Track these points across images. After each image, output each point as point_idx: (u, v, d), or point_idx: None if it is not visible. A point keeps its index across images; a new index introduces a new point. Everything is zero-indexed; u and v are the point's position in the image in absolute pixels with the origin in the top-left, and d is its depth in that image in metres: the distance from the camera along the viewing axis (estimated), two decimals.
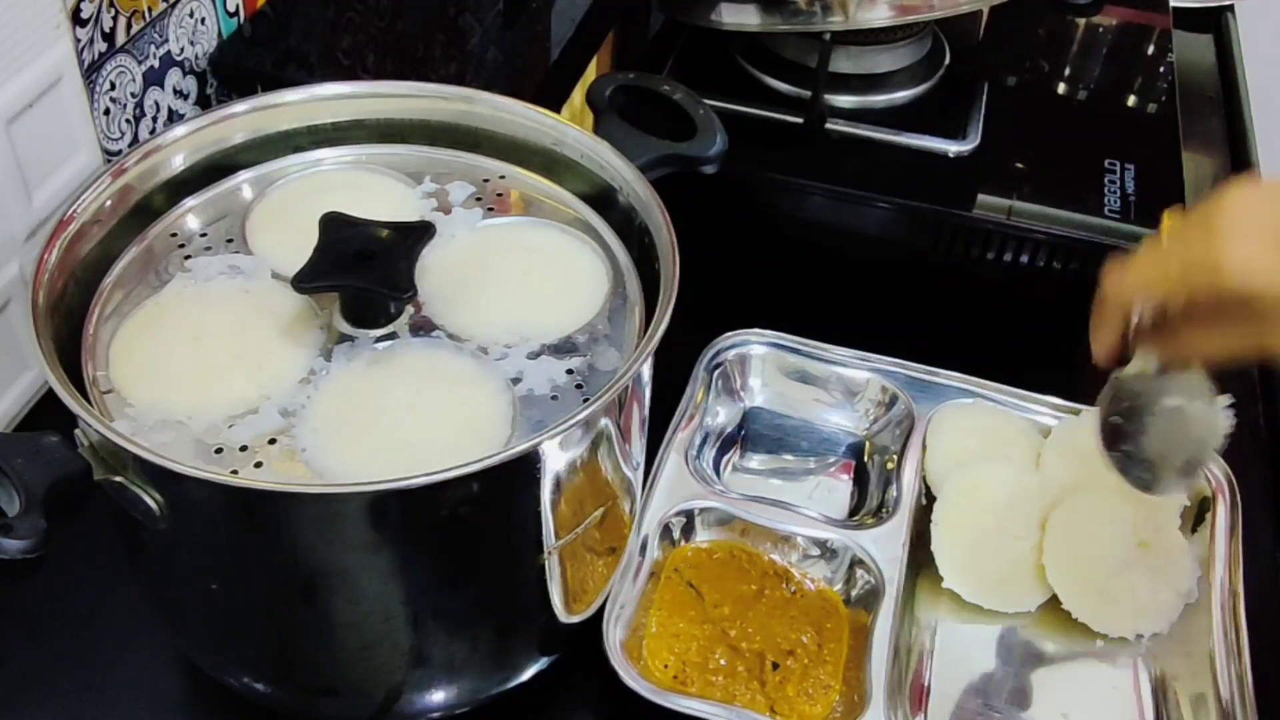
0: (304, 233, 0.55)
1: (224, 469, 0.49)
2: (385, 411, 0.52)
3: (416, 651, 0.55)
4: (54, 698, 0.62)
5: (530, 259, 0.60)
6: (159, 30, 0.78)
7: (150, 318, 0.56)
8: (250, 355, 0.54)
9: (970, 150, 0.89)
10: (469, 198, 0.63)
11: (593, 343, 0.57)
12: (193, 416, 0.51)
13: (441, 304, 0.57)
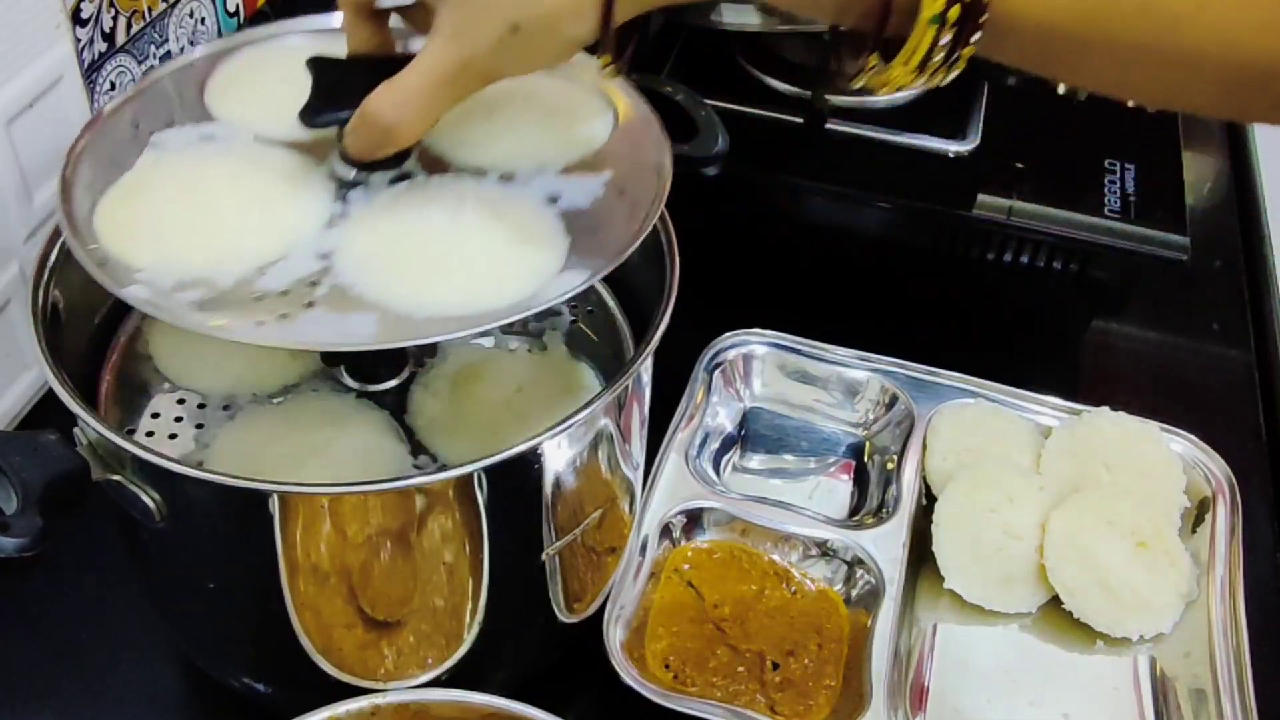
0: (274, 98, 0.53)
1: (271, 314, 0.46)
2: (429, 236, 0.50)
3: (416, 651, 0.55)
4: (54, 698, 0.62)
5: (528, 93, 0.57)
6: (159, 30, 0.78)
7: (132, 188, 0.52)
8: (260, 206, 0.51)
9: (970, 150, 0.89)
10: None
11: (618, 158, 0.55)
12: (215, 271, 0.48)
13: (449, 143, 0.54)
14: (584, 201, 0.52)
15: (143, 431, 0.56)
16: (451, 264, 0.49)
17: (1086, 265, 0.83)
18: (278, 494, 0.47)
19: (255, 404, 0.57)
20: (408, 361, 0.58)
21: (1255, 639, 0.65)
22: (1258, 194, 1.03)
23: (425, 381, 0.58)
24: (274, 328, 0.45)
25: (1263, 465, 0.80)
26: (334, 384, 0.57)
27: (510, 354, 0.60)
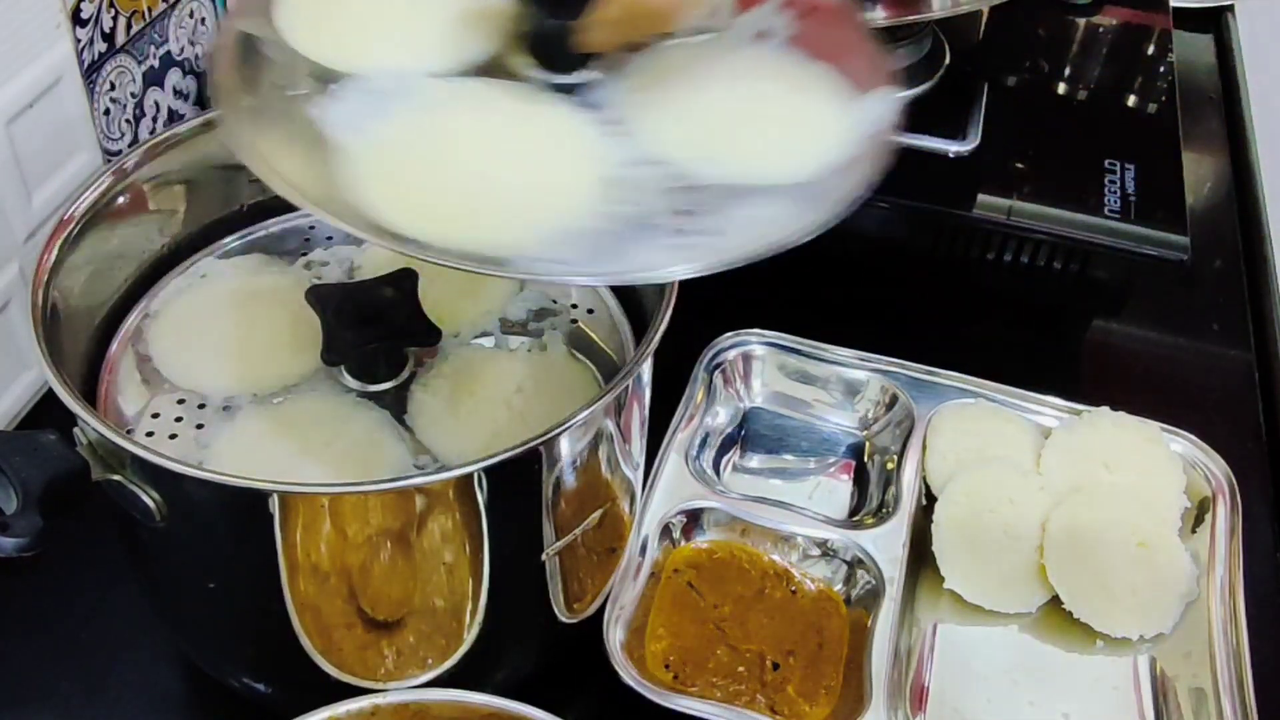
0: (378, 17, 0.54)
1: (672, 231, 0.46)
2: (726, 101, 0.52)
3: (416, 651, 0.55)
4: (54, 698, 0.62)
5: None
6: (159, 30, 0.78)
7: (399, 159, 0.49)
8: (535, 150, 0.50)
9: (970, 150, 0.89)
10: None
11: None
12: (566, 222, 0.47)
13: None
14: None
15: (143, 431, 0.56)
16: (775, 115, 0.50)
17: (1086, 265, 0.83)
18: (278, 494, 0.47)
19: (255, 404, 0.57)
20: (408, 361, 0.58)
21: (1255, 639, 0.65)
22: (1258, 194, 1.03)
23: (425, 381, 0.58)
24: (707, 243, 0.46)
25: (1263, 465, 0.80)
26: (334, 384, 0.57)
27: (510, 354, 0.60)
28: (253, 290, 0.62)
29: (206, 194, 0.64)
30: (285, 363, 0.58)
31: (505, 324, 0.62)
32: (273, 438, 0.55)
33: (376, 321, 0.54)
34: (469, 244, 0.44)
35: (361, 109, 0.49)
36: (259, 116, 0.50)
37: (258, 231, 0.66)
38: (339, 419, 0.56)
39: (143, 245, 0.62)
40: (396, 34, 0.54)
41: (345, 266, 0.64)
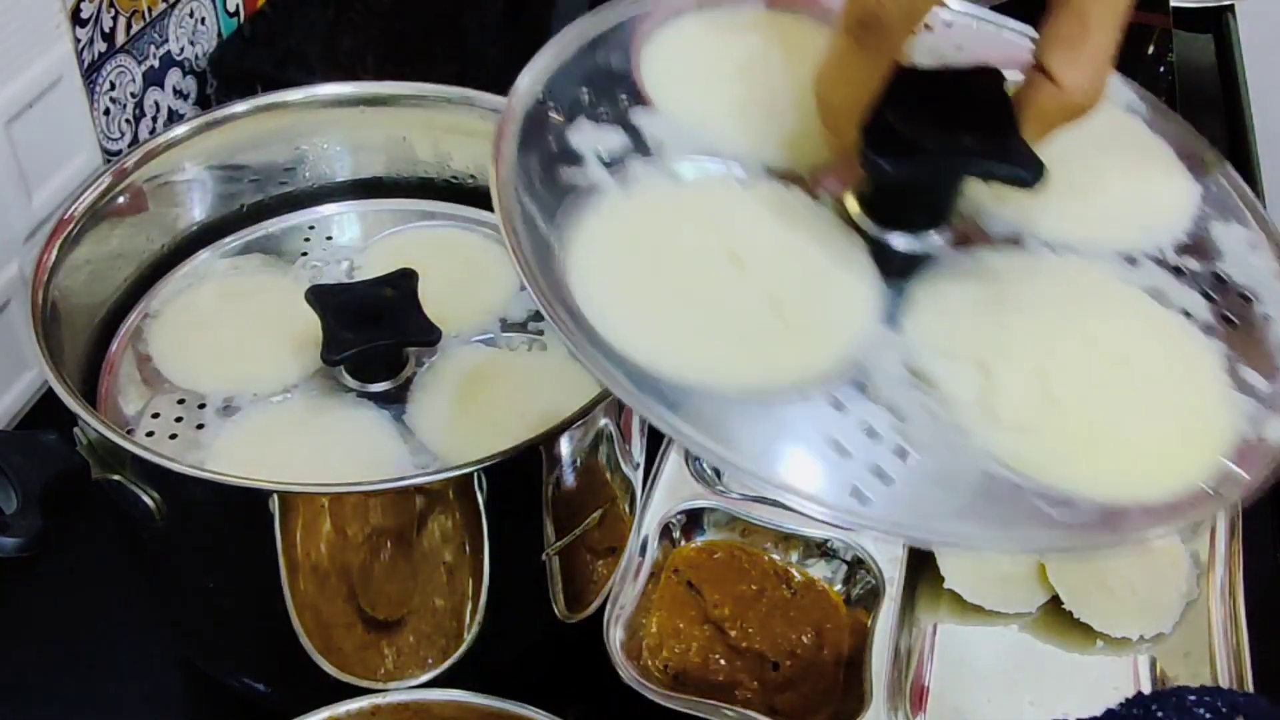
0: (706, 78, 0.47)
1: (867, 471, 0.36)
2: (1081, 356, 0.40)
3: (416, 651, 0.55)
4: (54, 698, 0.62)
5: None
6: (159, 30, 0.78)
7: (614, 246, 0.42)
8: (808, 290, 0.41)
9: None
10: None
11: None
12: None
13: (996, 200, 0.43)
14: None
15: (143, 431, 0.56)
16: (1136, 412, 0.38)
17: None
18: (278, 494, 0.47)
19: (255, 404, 0.57)
20: (408, 361, 0.58)
21: (1255, 639, 0.65)
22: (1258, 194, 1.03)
23: (425, 381, 0.58)
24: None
25: None
26: (334, 384, 0.57)
27: (510, 354, 0.60)
28: (253, 290, 0.62)
29: (206, 194, 0.64)
30: (285, 363, 0.58)
31: (505, 324, 0.62)
32: (273, 438, 0.55)
33: (376, 321, 0.54)
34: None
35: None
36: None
37: (258, 231, 0.66)
38: (339, 419, 0.56)
39: (143, 245, 0.62)
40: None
41: (345, 266, 0.64)
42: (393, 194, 0.69)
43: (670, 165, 0.43)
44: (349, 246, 0.66)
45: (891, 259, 0.41)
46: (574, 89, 0.44)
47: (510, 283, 0.64)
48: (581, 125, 0.43)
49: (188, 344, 0.59)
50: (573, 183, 0.42)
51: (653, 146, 0.43)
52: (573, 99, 0.44)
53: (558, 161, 0.42)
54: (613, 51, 0.46)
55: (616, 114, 0.44)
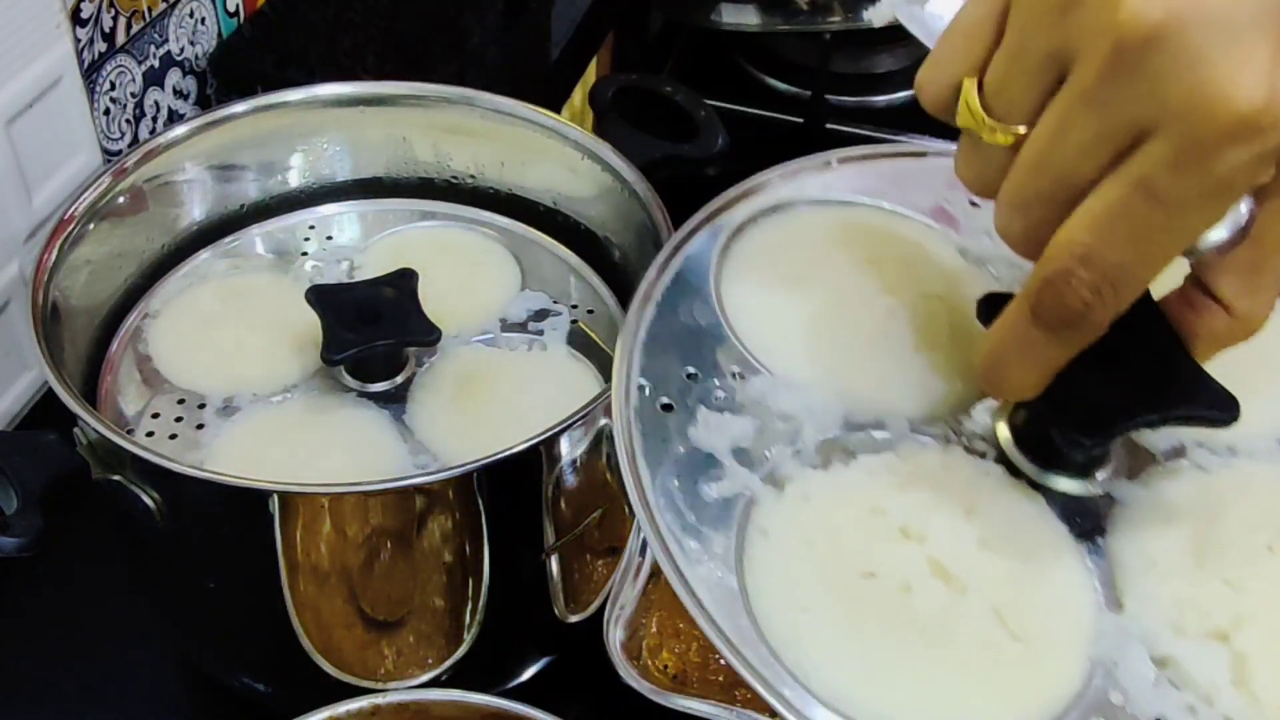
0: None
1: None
2: None
3: (416, 651, 0.55)
4: (54, 698, 0.62)
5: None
6: (159, 30, 0.78)
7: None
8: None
9: None
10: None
11: None
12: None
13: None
14: None
15: (143, 431, 0.56)
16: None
17: None
18: (278, 494, 0.47)
19: (255, 404, 0.57)
20: (408, 361, 0.58)
21: None
22: None
23: (425, 381, 0.58)
24: None
25: None
26: (334, 384, 0.57)
27: (510, 354, 0.60)
28: (253, 290, 0.62)
29: (206, 194, 0.64)
30: (285, 363, 0.58)
31: (505, 324, 0.62)
32: (273, 438, 0.55)
33: (376, 321, 0.54)
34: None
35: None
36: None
37: (257, 231, 0.66)
38: (339, 419, 0.56)
39: (143, 245, 0.62)
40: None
41: (345, 266, 0.64)
42: (393, 194, 0.69)
43: (813, 450, 0.39)
44: (349, 246, 0.66)
45: (1074, 512, 0.38)
46: (674, 367, 0.41)
47: (510, 283, 0.64)
48: (702, 418, 0.39)
49: (188, 344, 0.59)
50: (719, 496, 0.38)
51: (787, 431, 0.39)
52: (679, 382, 0.40)
53: (694, 474, 0.38)
54: (695, 303, 0.43)
55: (730, 393, 0.40)
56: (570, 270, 0.66)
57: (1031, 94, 0.33)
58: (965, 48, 0.35)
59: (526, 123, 0.65)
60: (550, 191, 0.67)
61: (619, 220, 0.63)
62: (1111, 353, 0.35)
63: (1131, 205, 0.31)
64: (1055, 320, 0.34)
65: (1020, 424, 0.39)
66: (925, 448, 0.40)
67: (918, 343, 0.42)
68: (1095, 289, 0.32)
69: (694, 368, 0.41)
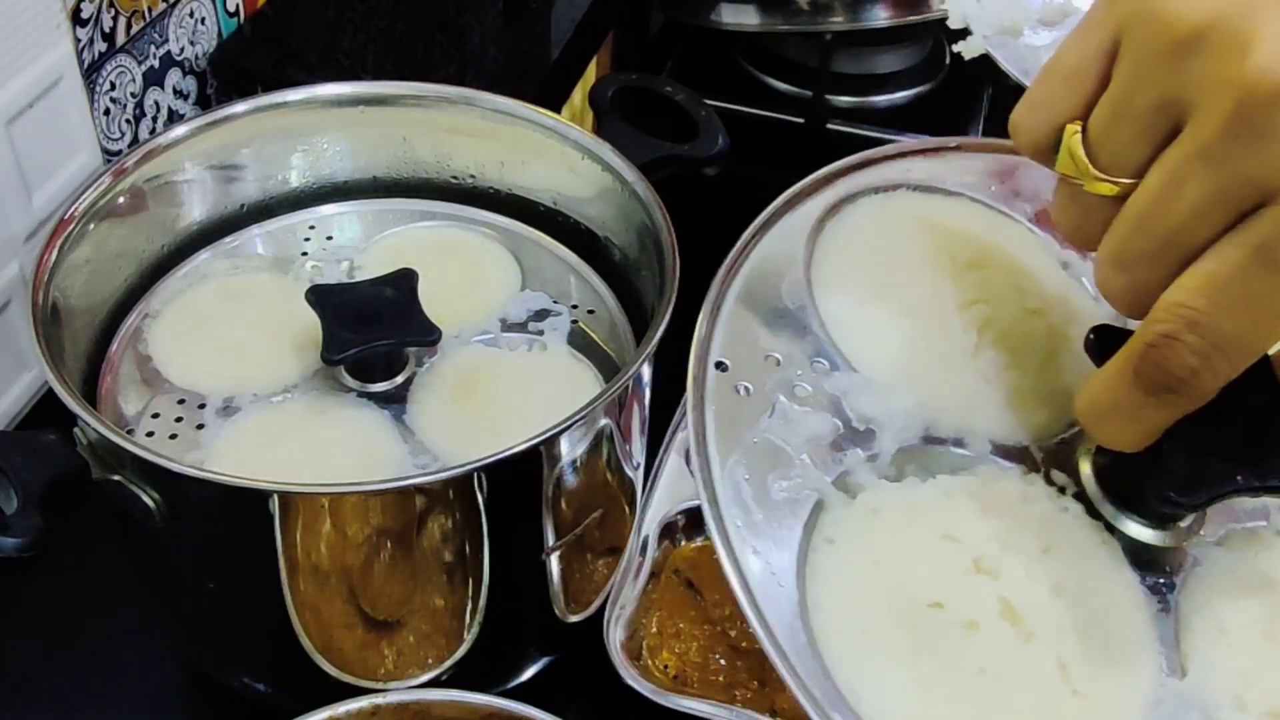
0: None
1: None
2: None
3: (416, 651, 0.55)
4: (54, 698, 0.62)
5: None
6: (159, 30, 0.78)
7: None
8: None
9: None
10: None
11: None
12: None
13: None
14: None
15: (143, 431, 0.56)
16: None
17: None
18: (278, 494, 0.47)
19: (255, 404, 0.57)
20: (408, 361, 0.58)
21: None
22: None
23: (425, 381, 0.58)
24: None
25: None
26: (334, 384, 0.57)
27: (510, 354, 0.60)
28: (253, 290, 0.62)
29: (206, 194, 0.64)
30: (285, 363, 0.58)
31: (505, 324, 0.62)
32: (273, 438, 0.55)
33: (376, 321, 0.54)
34: None
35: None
36: None
37: (258, 231, 0.66)
38: (339, 419, 0.56)
39: (143, 245, 0.62)
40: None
41: (345, 266, 0.64)
42: (393, 194, 0.69)
43: (889, 458, 0.37)
44: (349, 246, 0.66)
45: (1148, 562, 0.37)
46: (756, 349, 0.39)
47: (510, 283, 0.64)
48: (780, 409, 0.37)
49: (188, 344, 0.59)
50: (789, 496, 0.36)
51: (865, 434, 0.37)
52: (759, 366, 0.38)
53: (765, 468, 0.36)
54: (784, 281, 0.41)
55: (812, 386, 0.38)
56: (570, 270, 0.66)
57: (1141, 145, 0.32)
58: (1067, 91, 0.33)
59: (526, 123, 0.65)
60: (550, 191, 0.67)
61: (619, 220, 0.63)
62: (1216, 413, 0.33)
63: (1250, 272, 0.30)
64: (1158, 385, 0.32)
65: (1105, 464, 0.38)
66: (1005, 473, 0.38)
67: (1010, 360, 0.40)
68: (1205, 356, 0.31)
69: (777, 353, 0.39)
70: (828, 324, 0.40)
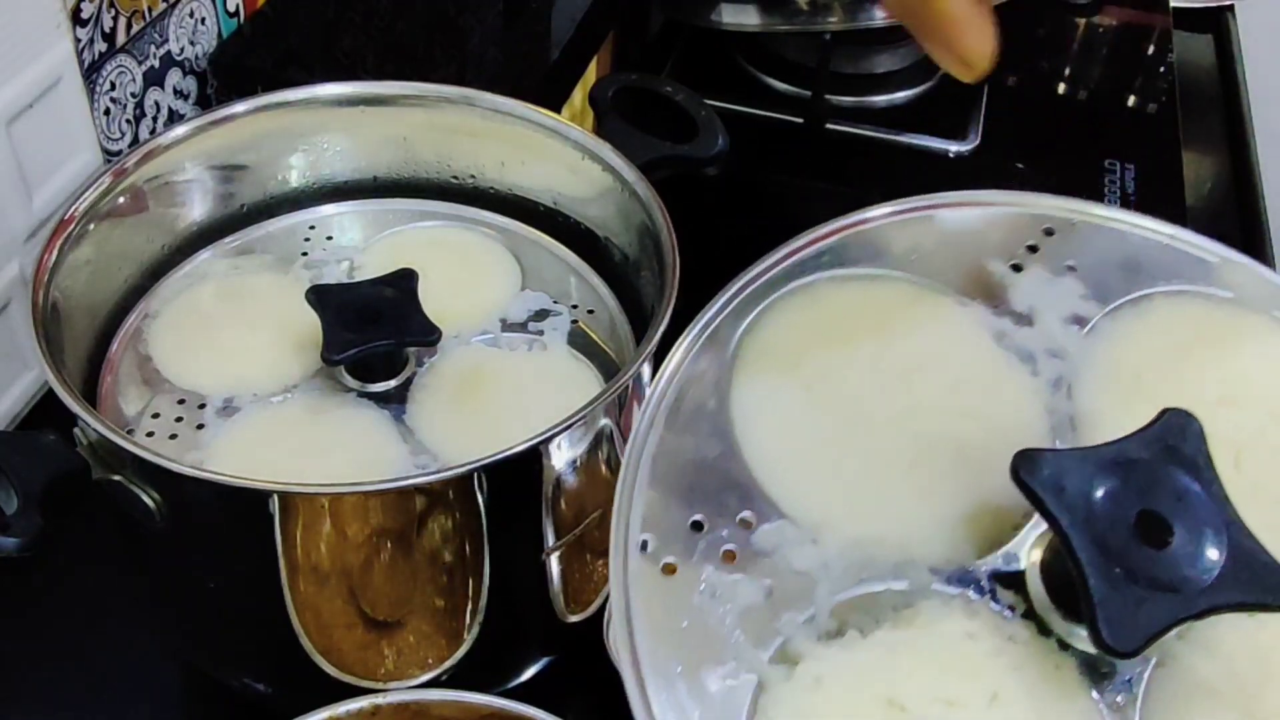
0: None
1: None
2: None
3: (416, 651, 0.55)
4: (54, 698, 0.62)
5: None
6: (159, 30, 0.78)
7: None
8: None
9: (970, 150, 0.89)
10: None
11: None
12: None
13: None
14: None
15: (143, 431, 0.56)
16: None
17: None
18: (278, 494, 0.47)
19: (255, 404, 0.57)
20: (408, 361, 0.58)
21: None
22: (1258, 194, 1.03)
23: (425, 381, 0.58)
24: None
25: None
26: (334, 384, 0.57)
27: (510, 354, 0.60)
28: (253, 290, 0.62)
29: (206, 194, 0.64)
30: (285, 363, 0.58)
31: (505, 324, 0.62)
32: (273, 438, 0.55)
33: (376, 321, 0.55)
34: None
35: None
36: None
37: (258, 231, 0.66)
38: (339, 419, 0.56)
39: (143, 245, 0.62)
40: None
41: (345, 266, 0.64)
42: (393, 194, 0.69)
43: (828, 613, 0.35)
44: (349, 246, 0.66)
45: (1107, 674, 0.35)
46: (679, 514, 0.36)
47: (510, 283, 0.64)
48: (708, 581, 0.35)
49: (188, 344, 0.59)
50: (726, 684, 0.34)
51: (800, 591, 0.35)
52: (684, 534, 0.36)
53: (699, 655, 0.34)
54: (703, 423, 0.38)
55: (740, 545, 0.36)
56: (570, 270, 0.66)
57: None
58: None
59: (526, 123, 0.65)
60: (550, 191, 0.67)
61: (619, 220, 0.63)
62: (1160, 539, 0.32)
63: None
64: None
65: (1052, 575, 0.35)
66: (948, 608, 0.36)
67: (945, 471, 0.38)
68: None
69: (700, 514, 0.37)
70: (752, 466, 0.38)
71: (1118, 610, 0.31)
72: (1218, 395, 0.39)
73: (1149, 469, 0.33)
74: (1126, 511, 0.32)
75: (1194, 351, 0.41)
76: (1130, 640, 0.31)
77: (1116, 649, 0.31)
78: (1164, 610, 0.31)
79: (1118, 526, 0.32)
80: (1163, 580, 0.32)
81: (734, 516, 0.37)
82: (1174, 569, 0.32)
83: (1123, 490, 0.32)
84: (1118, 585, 0.31)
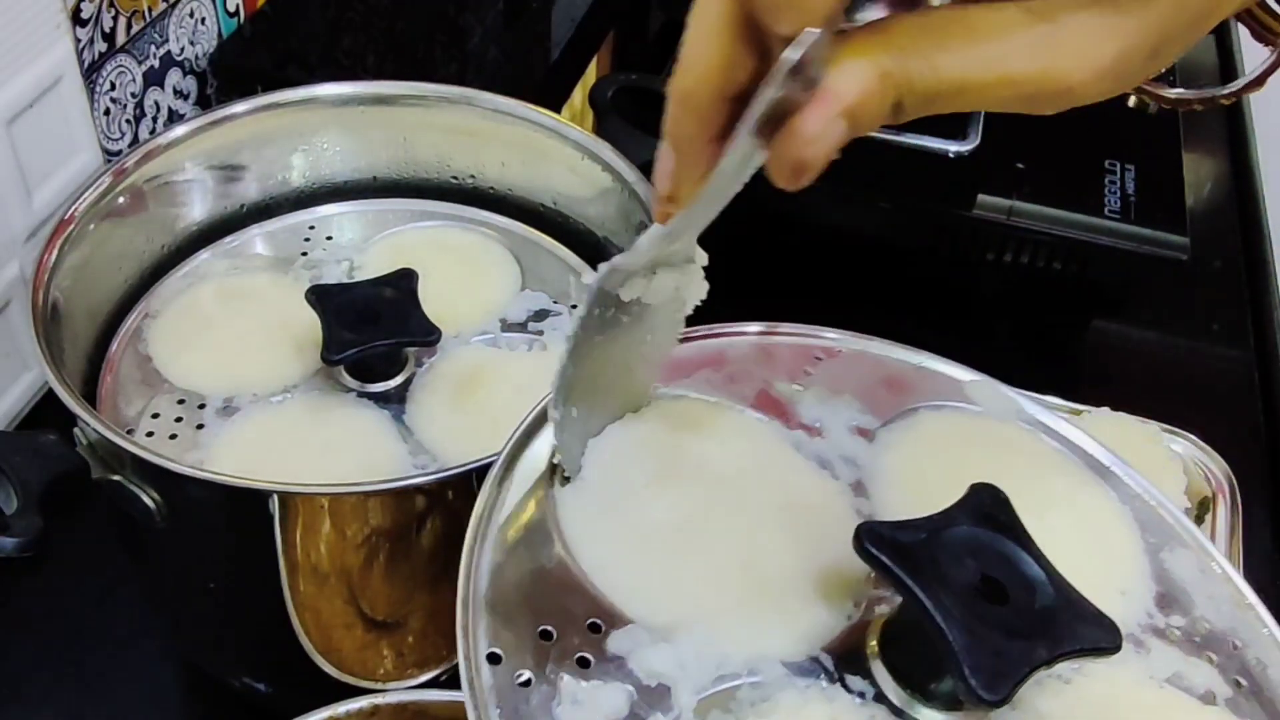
0: None
1: None
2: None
3: (416, 651, 0.55)
4: (54, 698, 0.62)
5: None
6: (159, 30, 0.78)
7: None
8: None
9: (970, 150, 0.89)
10: None
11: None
12: None
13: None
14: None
15: (143, 431, 0.56)
16: None
17: (1087, 265, 0.83)
18: (278, 494, 0.47)
19: (255, 404, 0.57)
20: (408, 361, 0.58)
21: None
22: (1258, 194, 1.03)
23: (425, 381, 0.58)
24: None
25: (1263, 465, 0.80)
26: (334, 384, 0.57)
27: (510, 354, 0.60)
28: (253, 290, 0.62)
29: (206, 194, 0.64)
30: (285, 363, 0.58)
31: (505, 324, 0.62)
32: (273, 438, 0.55)
33: (376, 321, 0.55)
34: None
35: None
36: None
37: (258, 231, 0.66)
38: (339, 419, 0.56)
39: (143, 245, 0.62)
40: None
41: (345, 266, 0.64)
42: (393, 194, 0.69)
43: (691, 714, 0.35)
44: (349, 246, 0.66)
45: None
46: (526, 625, 0.36)
47: (510, 283, 0.64)
48: (567, 691, 0.34)
49: (188, 344, 0.59)
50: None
51: (661, 694, 0.35)
52: (534, 645, 0.35)
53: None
54: (535, 535, 0.39)
55: (593, 651, 0.35)
56: (570, 270, 0.66)
57: None
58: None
59: (526, 123, 0.65)
60: (550, 191, 0.67)
61: (619, 220, 0.63)
62: (998, 604, 0.33)
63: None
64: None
65: (896, 659, 0.36)
66: (805, 697, 0.36)
67: (778, 566, 0.39)
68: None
69: (550, 623, 0.36)
70: (591, 573, 0.38)
71: (981, 659, 0.32)
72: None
73: (974, 534, 0.34)
74: (968, 569, 0.34)
75: (964, 453, 0.45)
76: (1000, 687, 0.32)
77: (987, 697, 0.31)
78: (1022, 656, 0.32)
79: (962, 584, 0.33)
80: (1014, 629, 0.33)
81: (583, 622, 0.36)
82: (1018, 621, 0.33)
83: (959, 552, 0.34)
84: (976, 635, 0.32)
